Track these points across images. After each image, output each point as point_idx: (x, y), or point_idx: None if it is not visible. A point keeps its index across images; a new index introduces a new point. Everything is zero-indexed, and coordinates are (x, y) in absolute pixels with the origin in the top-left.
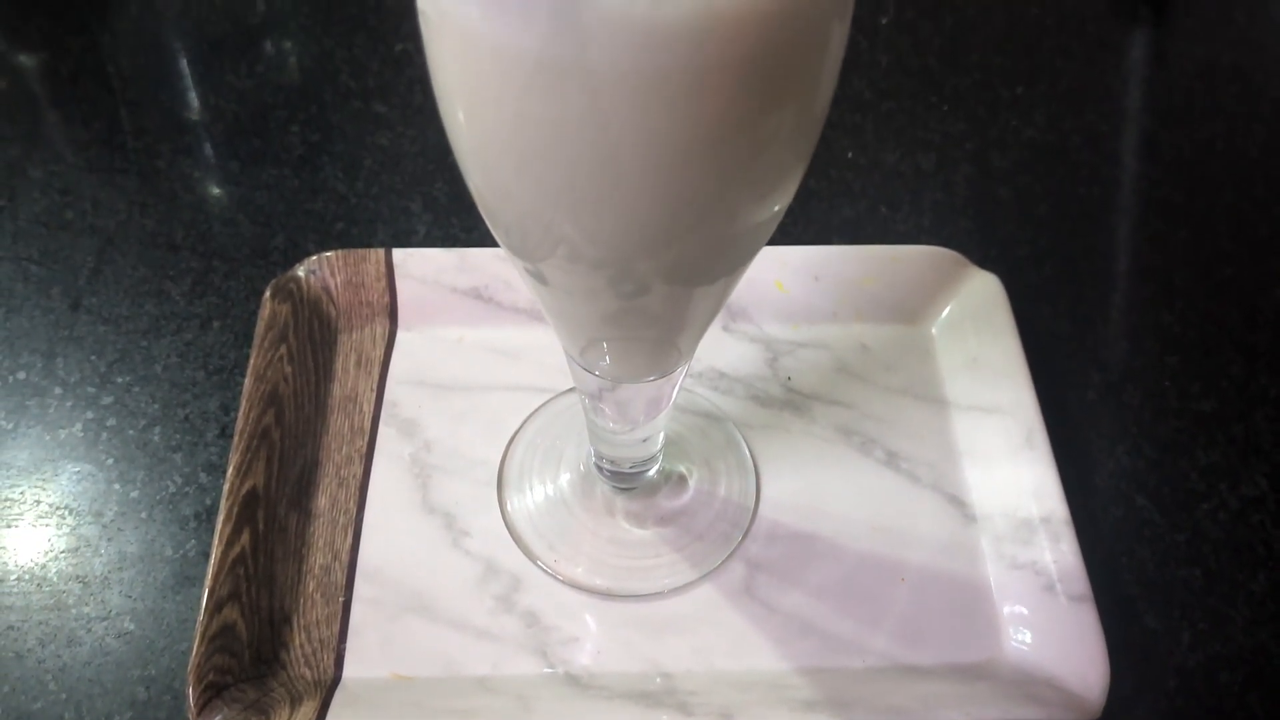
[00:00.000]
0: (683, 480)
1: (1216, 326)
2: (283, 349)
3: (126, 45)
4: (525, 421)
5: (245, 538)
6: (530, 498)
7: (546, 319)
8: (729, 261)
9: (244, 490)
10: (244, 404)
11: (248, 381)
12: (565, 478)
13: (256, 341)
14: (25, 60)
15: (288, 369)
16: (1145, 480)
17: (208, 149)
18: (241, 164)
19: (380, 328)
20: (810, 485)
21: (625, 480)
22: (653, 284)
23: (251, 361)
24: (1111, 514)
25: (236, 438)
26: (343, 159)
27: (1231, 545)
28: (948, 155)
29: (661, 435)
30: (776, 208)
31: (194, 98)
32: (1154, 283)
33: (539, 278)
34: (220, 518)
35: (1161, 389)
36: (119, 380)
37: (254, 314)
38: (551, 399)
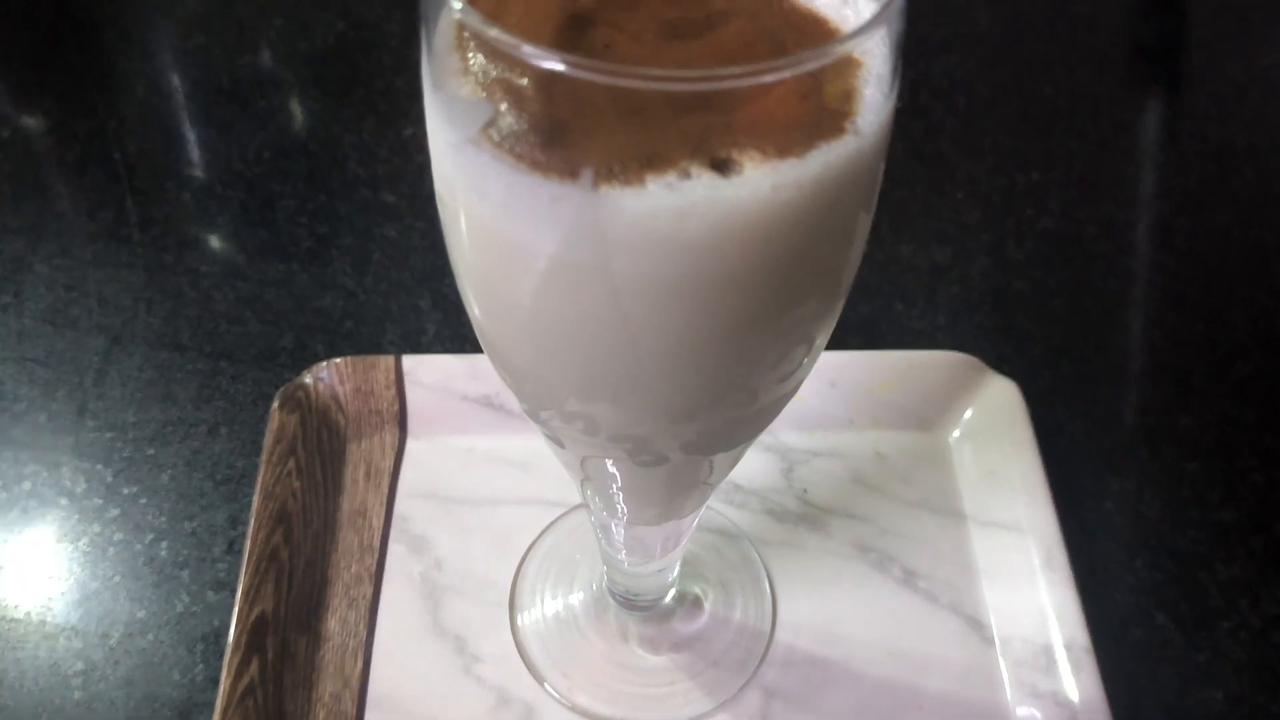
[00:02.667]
0: (698, 603)
1: (1235, 429)
2: (291, 463)
3: (133, 130)
4: (537, 539)
5: (254, 667)
6: (542, 621)
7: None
8: (749, 430)
9: (253, 617)
10: (252, 524)
11: (256, 499)
12: (578, 598)
13: (265, 455)
14: (32, 144)
15: (296, 484)
16: (1165, 595)
17: (215, 242)
18: (249, 257)
19: (390, 437)
20: (826, 606)
21: (639, 607)
22: (672, 454)
23: (260, 477)
24: (1132, 632)
25: (245, 559)
26: (351, 252)
27: (1253, 667)
28: (963, 247)
29: (678, 565)
30: (797, 381)
31: (201, 185)
32: (1171, 382)
33: (555, 441)
34: (229, 647)
35: (1180, 498)
36: (125, 491)
37: (262, 419)
38: (563, 515)
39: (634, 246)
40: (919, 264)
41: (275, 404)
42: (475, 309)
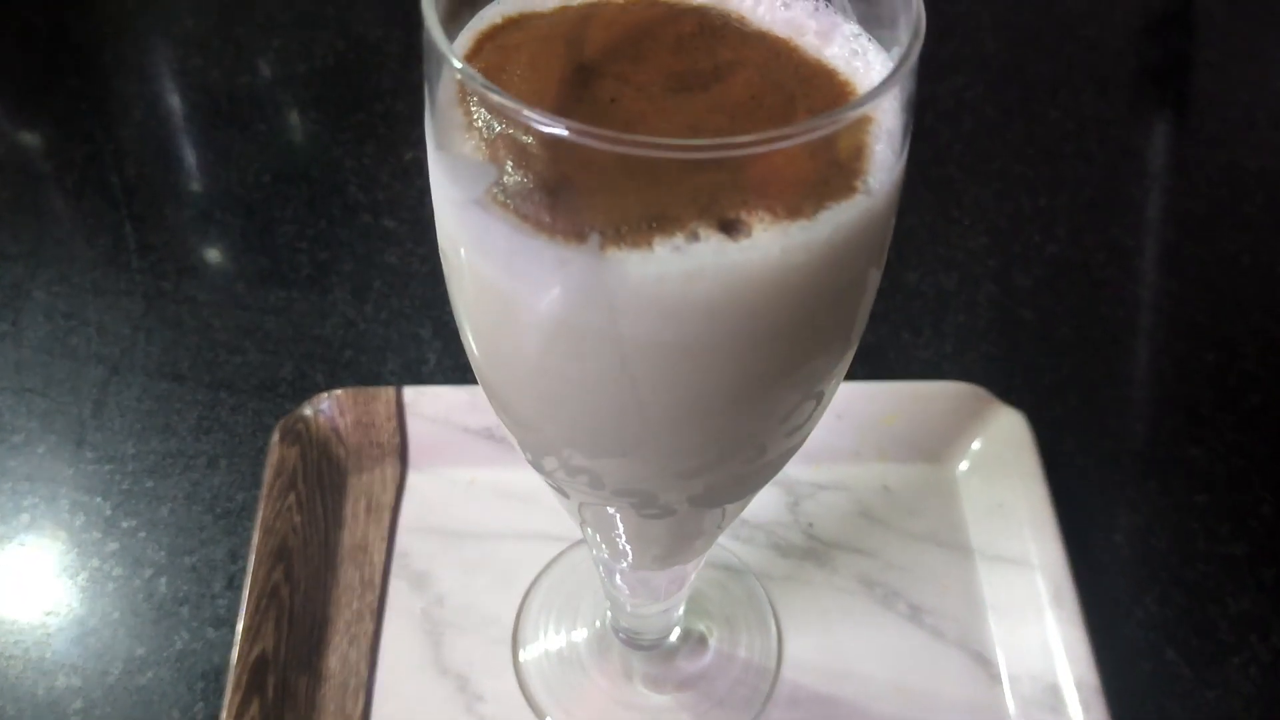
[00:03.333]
0: (703, 640)
1: (1245, 461)
2: (291, 497)
3: (131, 153)
4: (540, 575)
5: (255, 708)
6: (545, 658)
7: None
8: (757, 482)
9: (253, 656)
10: (252, 561)
11: (256, 535)
12: (581, 635)
13: (265, 490)
14: (29, 168)
15: (297, 518)
16: (1175, 631)
17: (214, 268)
18: (248, 285)
19: (390, 469)
20: (833, 643)
21: (643, 645)
22: (679, 507)
23: (260, 513)
24: (1141, 668)
25: (245, 596)
26: (351, 279)
27: (1263, 702)
28: (970, 273)
29: (683, 605)
30: (805, 433)
31: (200, 210)
32: (1180, 413)
33: (559, 491)
34: (229, 687)
35: (1190, 530)
36: (124, 525)
37: (261, 451)
38: (566, 550)
39: (641, 310)
40: (925, 291)
41: (275, 436)
42: (478, 357)
